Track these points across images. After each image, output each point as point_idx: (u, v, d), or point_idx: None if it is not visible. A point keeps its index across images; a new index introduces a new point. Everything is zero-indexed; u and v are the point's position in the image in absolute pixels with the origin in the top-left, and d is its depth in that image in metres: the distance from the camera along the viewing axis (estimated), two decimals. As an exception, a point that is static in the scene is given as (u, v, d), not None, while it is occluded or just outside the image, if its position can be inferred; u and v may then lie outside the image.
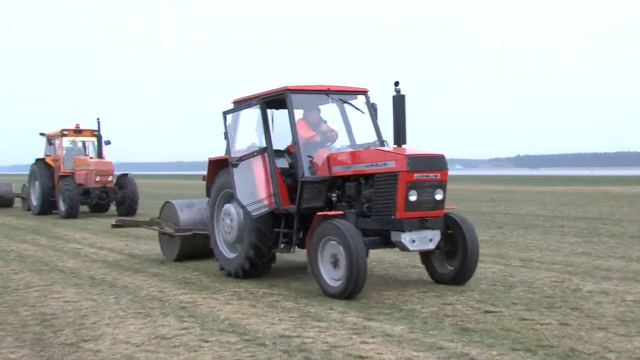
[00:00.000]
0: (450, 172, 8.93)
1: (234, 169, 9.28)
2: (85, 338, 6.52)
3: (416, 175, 8.12)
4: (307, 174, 8.92)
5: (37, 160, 24.18)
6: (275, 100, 9.49)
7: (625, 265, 10.45)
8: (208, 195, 10.48)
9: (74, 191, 21.90)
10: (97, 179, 22.44)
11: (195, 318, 7.26)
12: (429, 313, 7.29)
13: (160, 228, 11.77)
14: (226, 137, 9.75)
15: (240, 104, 9.96)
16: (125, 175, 23.63)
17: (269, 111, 9.62)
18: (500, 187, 45.08)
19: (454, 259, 8.83)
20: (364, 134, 9.98)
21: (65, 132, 23.64)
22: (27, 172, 24.93)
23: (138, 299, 8.38)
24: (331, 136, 9.80)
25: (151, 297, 8.52)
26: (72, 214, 21.79)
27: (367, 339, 6.28)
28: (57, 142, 23.80)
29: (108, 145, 23.98)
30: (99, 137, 23.92)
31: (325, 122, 9.93)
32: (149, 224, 12.28)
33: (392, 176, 8.20)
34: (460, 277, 8.74)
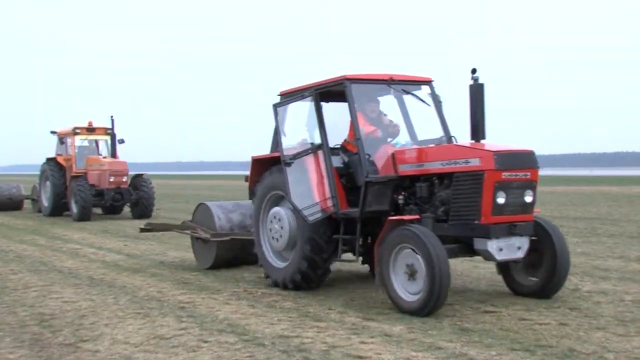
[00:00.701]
0: None
1: (287, 169, 8.32)
2: (84, 338, 6.52)
3: (504, 175, 7.22)
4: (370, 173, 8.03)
5: (48, 159, 23.09)
6: (328, 92, 8.72)
7: (623, 266, 10.45)
8: (251, 197, 9.55)
9: (87, 192, 20.78)
10: (111, 180, 21.28)
11: (194, 318, 7.26)
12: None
13: (194, 232, 10.77)
14: (277, 133, 8.74)
15: (291, 96, 8.97)
16: (140, 175, 22.40)
17: (308, 104, 8.93)
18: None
19: (538, 270, 7.86)
20: (426, 129, 9.07)
21: (78, 130, 22.44)
22: (27, 173, 24.67)
23: (137, 299, 8.37)
24: (393, 131, 8.86)
25: (150, 297, 8.52)
26: (85, 216, 20.67)
27: (366, 339, 6.29)
28: (69, 140, 22.58)
29: (122, 144, 23.01)
30: (113, 136, 22.86)
31: (385, 115, 9.01)
32: (181, 227, 11.40)
33: (476, 176, 7.29)
34: (547, 290, 7.81)
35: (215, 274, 10.18)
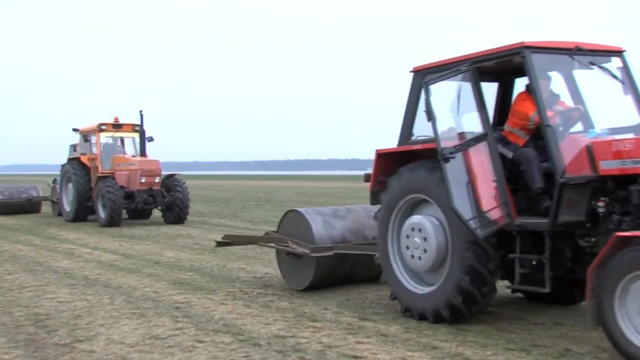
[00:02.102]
0: None
1: (446, 166, 6.43)
2: (79, 338, 6.50)
3: None
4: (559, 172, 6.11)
5: (70, 159, 21.16)
6: (487, 67, 6.95)
7: (619, 265, 10.46)
8: (374, 202, 7.81)
9: (117, 194, 18.56)
10: (142, 180, 19.07)
11: (190, 318, 7.25)
12: (424, 313, 7.29)
13: (285, 246, 8.85)
14: (431, 117, 6.63)
15: (440, 72, 6.96)
16: (172, 175, 20.19)
17: (444, 84, 6.92)
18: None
19: None
20: (607, 113, 7.21)
21: (104, 127, 20.31)
22: (28, 172, 24.17)
23: (132, 299, 8.36)
24: (573, 116, 6.94)
25: (145, 297, 8.50)
26: (114, 220, 18.47)
27: (361, 339, 6.29)
28: (93, 138, 20.48)
29: (150, 143, 20.75)
30: (142, 133, 20.55)
31: (557, 96, 7.14)
32: (266, 240, 9.36)
33: None
34: None
35: (211, 274, 10.17)
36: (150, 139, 20.65)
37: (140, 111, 20.36)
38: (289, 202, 28.78)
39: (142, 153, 20.46)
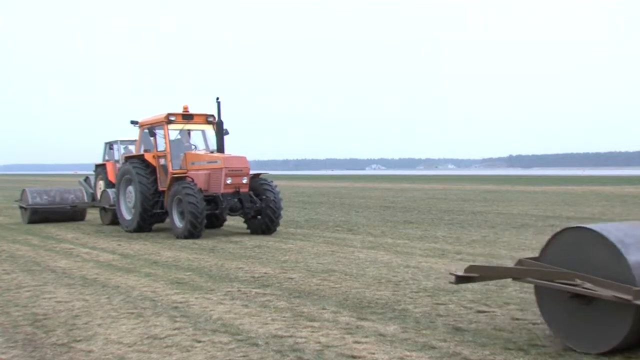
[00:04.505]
0: (442, 172, 8.55)
1: None
2: (77, 338, 6.50)
3: None
4: None
5: (128, 157, 17.69)
6: None
7: (616, 265, 10.47)
8: None
9: (199, 199, 15.10)
10: (227, 182, 15.65)
11: (188, 318, 7.25)
12: (422, 313, 7.31)
13: (572, 284, 5.72)
14: None
15: None
16: (256, 175, 16.59)
17: None
18: (493, 187, 45.17)
19: None
20: None
21: (172, 118, 16.70)
22: (26, 173, 23.09)
23: (130, 299, 8.36)
24: None
25: (143, 297, 8.50)
26: (196, 231, 15.07)
27: (360, 338, 6.29)
28: (160, 131, 16.95)
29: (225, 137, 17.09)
30: (220, 124, 16.65)
31: None
32: (536, 274, 6.04)
33: None
34: None
35: (209, 274, 10.17)
36: (226, 132, 16.93)
37: (217, 98, 16.58)
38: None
39: (220, 149, 16.68)
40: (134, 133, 19.09)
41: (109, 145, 22.35)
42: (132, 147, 21.37)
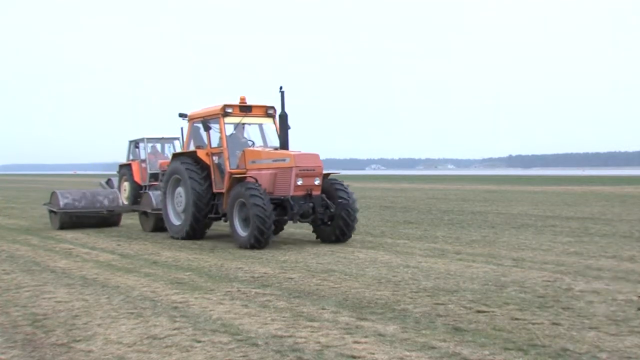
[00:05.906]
0: (442, 172, 8.61)
1: None
2: (77, 338, 6.50)
3: None
4: None
5: (177, 155, 15.62)
6: None
7: (616, 265, 10.49)
8: None
9: (266, 201, 12.96)
10: (298, 183, 13.44)
11: (188, 318, 7.25)
12: (422, 313, 7.31)
13: None
14: None
15: None
16: (326, 176, 14.23)
17: None
18: (493, 187, 45.22)
19: None
20: None
21: (229, 110, 14.57)
22: (27, 173, 21.84)
23: (130, 299, 8.35)
24: None
25: (143, 297, 8.50)
26: (263, 238, 12.91)
27: (359, 338, 6.29)
28: (215, 125, 14.79)
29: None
30: (284, 117, 14.28)
31: None
32: None
33: None
34: None
35: (208, 274, 10.17)
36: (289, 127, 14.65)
37: (281, 87, 14.28)
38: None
39: (284, 145, 14.38)
40: (153, 131, 17.53)
41: (134, 144, 20.68)
42: (158, 146, 20.38)
